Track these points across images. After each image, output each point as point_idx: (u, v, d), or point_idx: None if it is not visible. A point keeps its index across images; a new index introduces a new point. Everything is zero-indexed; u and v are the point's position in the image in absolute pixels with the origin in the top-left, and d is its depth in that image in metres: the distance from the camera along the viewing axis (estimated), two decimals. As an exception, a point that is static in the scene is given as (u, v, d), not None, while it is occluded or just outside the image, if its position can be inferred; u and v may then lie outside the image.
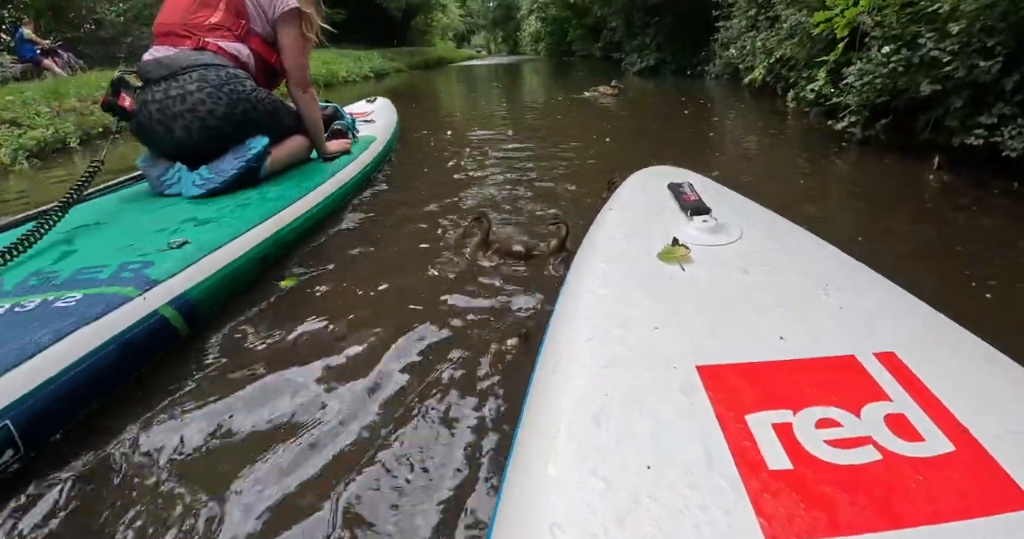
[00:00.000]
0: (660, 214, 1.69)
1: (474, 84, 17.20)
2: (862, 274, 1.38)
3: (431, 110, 9.13)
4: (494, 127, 6.77)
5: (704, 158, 4.69)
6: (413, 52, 30.92)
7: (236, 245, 2.17)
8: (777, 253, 1.43)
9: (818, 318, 1.13)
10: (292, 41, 2.98)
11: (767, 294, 1.23)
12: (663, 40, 16.78)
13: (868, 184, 3.92)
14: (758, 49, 8.75)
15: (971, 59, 3.77)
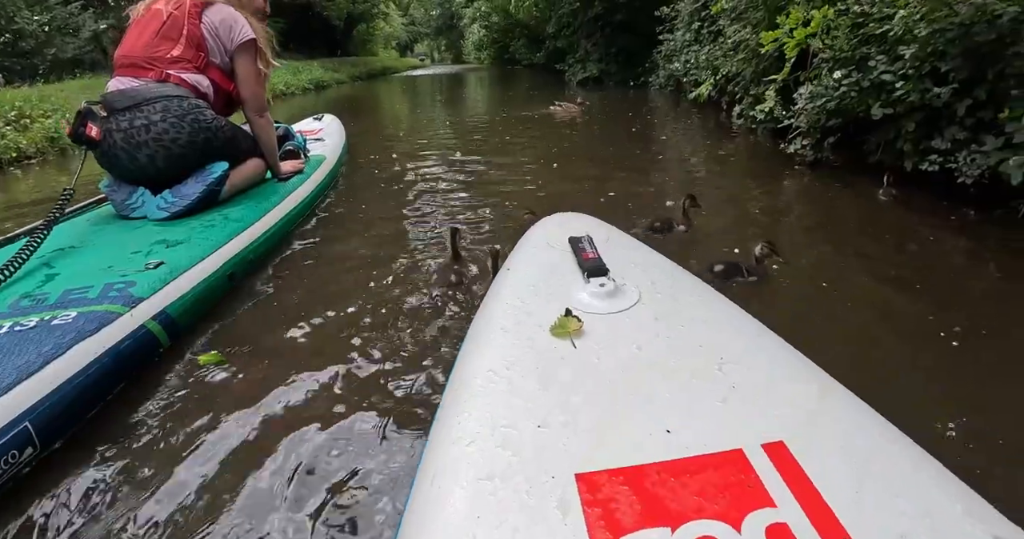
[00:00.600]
0: (558, 275, 1.61)
1: (419, 97, 16.90)
2: (760, 342, 1.30)
3: (374, 129, 8.81)
4: (439, 148, 6.57)
5: (654, 183, 4.56)
6: (355, 62, 30.30)
7: (207, 264, 2.43)
8: (674, 320, 1.36)
9: (709, 403, 1.07)
10: (248, 71, 3.17)
11: (659, 375, 1.16)
12: (605, 51, 16.77)
13: (819, 212, 3.82)
14: (703, 64, 8.71)
15: (923, 83, 3.70)
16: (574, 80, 17.28)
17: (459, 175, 5.00)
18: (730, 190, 4.21)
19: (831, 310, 2.46)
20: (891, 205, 3.81)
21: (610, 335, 1.30)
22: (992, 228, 3.32)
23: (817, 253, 3.10)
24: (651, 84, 13.94)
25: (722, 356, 1.20)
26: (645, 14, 14.13)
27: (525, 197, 4.16)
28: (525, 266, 1.72)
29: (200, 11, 3.06)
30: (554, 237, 1.85)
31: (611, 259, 1.63)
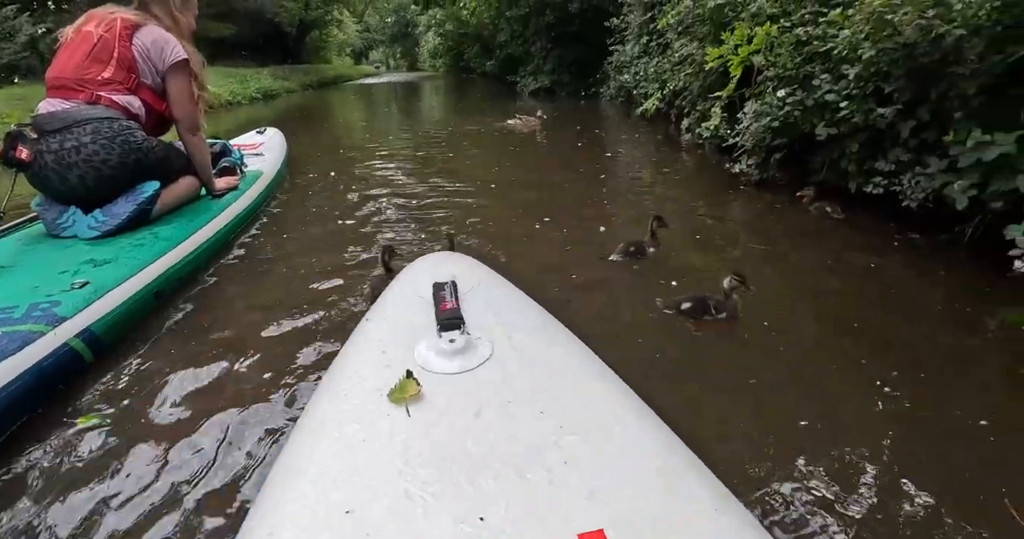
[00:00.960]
0: (412, 329, 1.53)
1: (369, 108, 16.61)
2: (612, 407, 1.23)
3: (318, 143, 8.50)
4: (381, 165, 6.37)
5: (595, 206, 4.41)
6: (307, 70, 29.68)
7: (132, 283, 2.48)
8: (522, 381, 1.30)
9: (535, 484, 1.01)
10: (180, 91, 3.19)
11: (489, 449, 1.10)
12: (558, 62, 16.70)
13: (764, 235, 3.70)
14: (651, 77, 8.64)
15: (867, 104, 3.62)
16: (526, 90, 17.19)
17: (399, 194, 4.83)
18: (677, 211, 4.09)
19: (765, 348, 2.34)
20: (835, 227, 3.73)
21: (450, 400, 1.24)
22: (937, 254, 3.24)
23: (762, 282, 2.97)
24: (603, 95, 13.89)
25: (563, 425, 1.14)
26: (597, 25, 14.11)
27: (458, 220, 3.98)
28: (382, 317, 1.65)
29: (131, 33, 3.07)
30: (422, 283, 1.77)
31: (473, 308, 1.59)
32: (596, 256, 3.27)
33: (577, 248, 3.44)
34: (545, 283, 2.95)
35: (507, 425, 1.15)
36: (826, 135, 3.83)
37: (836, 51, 3.80)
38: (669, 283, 2.90)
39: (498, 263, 3.21)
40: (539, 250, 3.46)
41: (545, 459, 1.06)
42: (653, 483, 1.01)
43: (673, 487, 1.00)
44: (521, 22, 18.07)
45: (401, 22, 68.05)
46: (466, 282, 1.75)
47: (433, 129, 9.84)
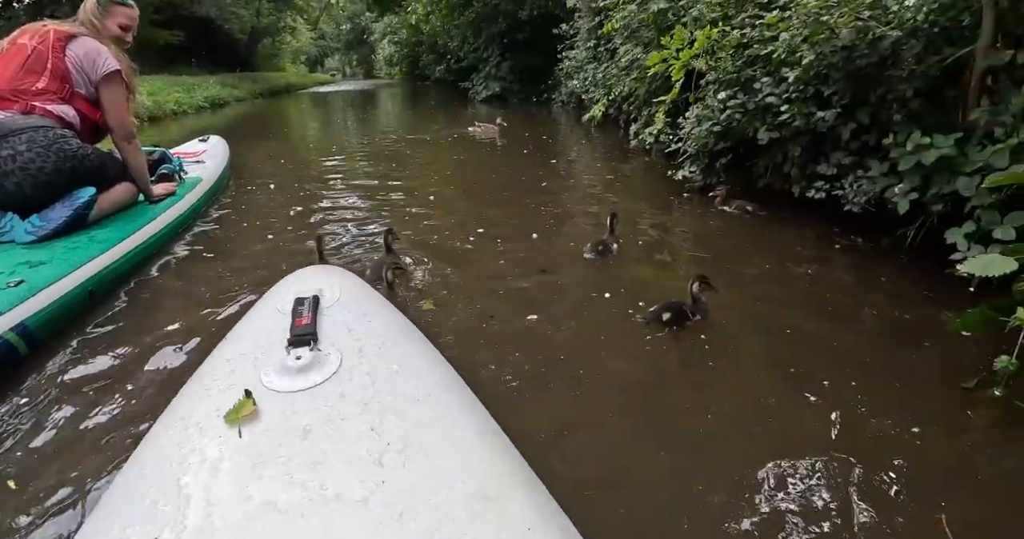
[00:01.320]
0: (264, 346, 1.50)
1: (322, 116, 16.31)
2: (447, 423, 1.23)
3: (261, 153, 8.24)
4: (321, 174, 6.22)
5: (534, 214, 4.29)
6: (257, 78, 28.96)
7: (66, 282, 2.57)
8: (361, 396, 1.29)
9: (346, 504, 1.00)
10: (113, 100, 3.27)
11: (310, 470, 1.08)
12: (509, 69, 16.65)
13: (707, 242, 3.63)
14: (599, 81, 8.60)
15: (807, 107, 3.58)
16: (478, 98, 17.09)
17: (340, 204, 4.71)
18: (622, 219, 4.00)
19: (702, 355, 2.26)
20: (778, 232, 3.68)
21: (284, 419, 1.22)
22: (879, 259, 3.20)
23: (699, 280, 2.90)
24: (554, 101, 13.86)
25: (390, 442, 1.14)
26: (547, 32, 14.11)
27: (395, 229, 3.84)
28: (240, 335, 1.63)
29: (64, 44, 3.15)
30: (287, 298, 1.72)
31: (332, 323, 1.58)
32: (535, 267, 3.16)
33: (513, 257, 3.32)
34: (477, 292, 2.85)
35: (332, 444, 1.14)
36: (768, 139, 3.78)
37: (776, 54, 3.75)
38: (603, 294, 2.80)
39: (428, 273, 3.11)
40: (475, 260, 3.34)
41: (363, 479, 1.05)
42: (467, 506, 1.00)
43: (488, 510, 0.99)
44: (472, 29, 17.98)
45: (357, 29, 67.47)
46: (332, 296, 1.74)
47: (382, 138, 9.62)
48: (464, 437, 1.19)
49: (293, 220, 4.24)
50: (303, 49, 65.55)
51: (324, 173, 6.15)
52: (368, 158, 7.15)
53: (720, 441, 1.78)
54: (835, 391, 2.00)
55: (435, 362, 1.53)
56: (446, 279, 3.03)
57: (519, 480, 1.10)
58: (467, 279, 3.05)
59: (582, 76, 9.88)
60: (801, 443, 1.74)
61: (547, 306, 2.71)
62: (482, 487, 1.04)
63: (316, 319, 1.56)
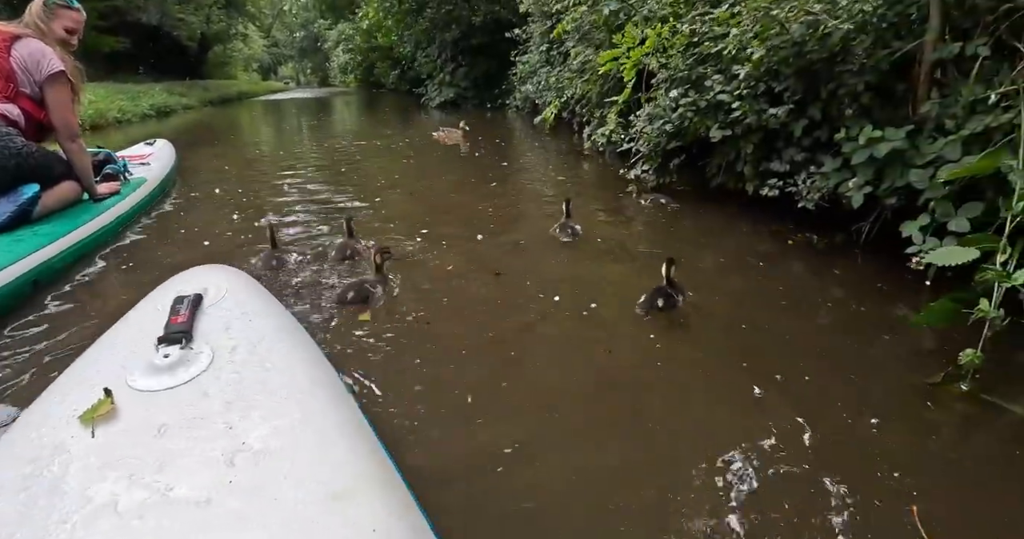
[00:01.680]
0: (133, 344, 1.45)
1: (272, 124, 15.98)
2: (305, 422, 1.18)
3: (208, 160, 8.02)
4: (266, 179, 6.04)
5: (480, 217, 4.17)
6: (207, 86, 28.26)
7: (9, 272, 2.69)
8: (225, 395, 1.25)
9: (183, 512, 0.96)
10: (58, 100, 3.32)
11: (158, 470, 1.05)
12: (464, 74, 16.56)
13: (662, 237, 3.57)
14: (552, 85, 8.55)
15: (758, 104, 3.54)
16: (432, 104, 16.92)
17: (285, 208, 4.56)
18: (576, 218, 3.92)
19: (652, 351, 2.17)
20: (731, 230, 3.63)
21: (142, 418, 1.19)
22: (833, 254, 3.17)
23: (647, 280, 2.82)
24: (508, 106, 13.80)
25: (245, 441, 1.10)
26: (501, 37, 14.05)
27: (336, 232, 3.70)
28: (116, 332, 1.57)
29: (9, 45, 3.21)
30: (168, 296, 1.67)
31: (210, 322, 1.53)
32: (484, 268, 3.05)
33: (456, 260, 3.20)
34: (414, 299, 2.73)
35: (185, 444, 1.12)
36: (720, 137, 3.74)
37: (726, 51, 3.71)
38: (551, 296, 2.70)
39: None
40: (421, 261, 3.21)
41: (210, 479, 1.02)
42: (313, 506, 0.98)
43: (334, 510, 0.98)
44: (425, 36, 17.84)
45: (310, 37, 66.68)
46: (216, 295, 1.68)
47: (333, 142, 9.41)
48: (325, 436, 1.16)
49: (235, 223, 4.20)
50: (255, 56, 64.57)
51: (272, 179, 5.95)
52: (318, 164, 6.95)
53: (670, 437, 1.71)
54: (793, 387, 1.94)
55: (312, 361, 1.48)
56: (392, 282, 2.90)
57: (375, 479, 1.08)
58: (412, 280, 2.93)
59: (535, 80, 9.81)
60: (745, 436, 1.69)
61: (497, 308, 2.61)
62: (333, 486, 1.02)
63: (194, 317, 1.52)
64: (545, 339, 2.35)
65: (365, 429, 1.27)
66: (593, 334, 2.35)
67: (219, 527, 0.94)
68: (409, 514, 1.04)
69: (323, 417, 1.23)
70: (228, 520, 0.95)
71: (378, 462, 1.15)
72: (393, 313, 2.58)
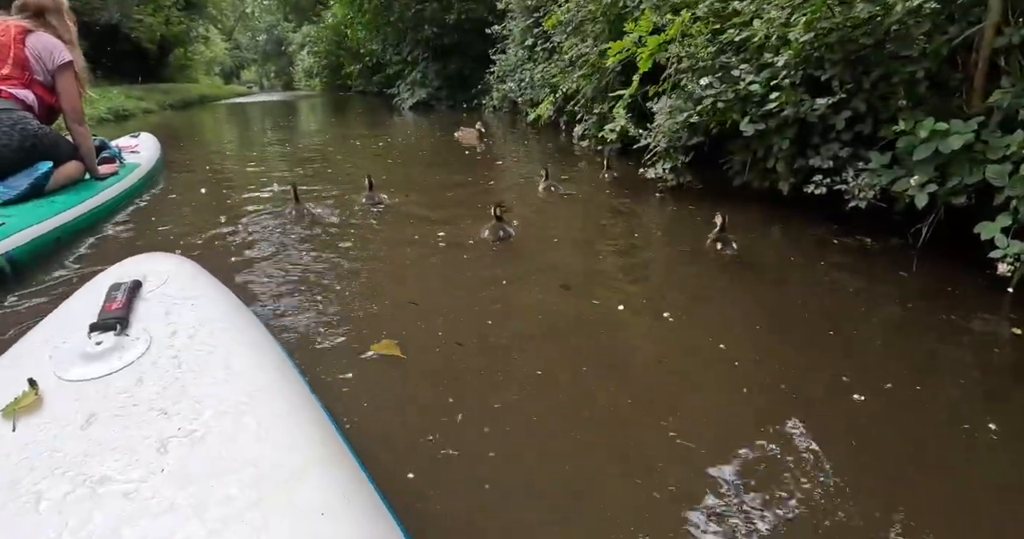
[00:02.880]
0: (67, 334, 1.37)
1: (243, 126, 15.39)
2: (254, 407, 1.10)
3: (180, 160, 7.56)
4: (242, 180, 5.60)
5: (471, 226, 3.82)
6: (168, 89, 27.25)
7: (33, 230, 3.14)
8: (161, 382, 1.17)
9: (108, 504, 0.88)
10: (67, 87, 3.71)
11: (82, 467, 0.96)
12: (437, 74, 16.13)
13: (692, 244, 3.24)
14: (538, 82, 8.20)
15: (797, 94, 3.23)
16: (404, 105, 16.42)
17: (252, 209, 4.09)
18: (586, 229, 3.55)
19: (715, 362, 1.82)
20: (764, 232, 3.31)
21: (70, 408, 1.12)
22: (886, 256, 2.87)
23: (702, 303, 2.48)
24: (485, 106, 13.43)
25: (180, 427, 1.04)
26: (475, 35, 13.69)
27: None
28: (50, 321, 1.50)
29: (24, 37, 3.60)
30: (103, 284, 1.57)
31: (148, 308, 1.45)
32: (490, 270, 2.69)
33: (474, 270, 2.84)
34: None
35: (115, 433, 1.05)
36: (753, 131, 3.42)
37: (756, 37, 3.40)
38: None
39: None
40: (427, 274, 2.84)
41: (140, 468, 0.96)
42: (254, 491, 0.91)
43: (278, 494, 0.91)
44: (397, 35, 17.37)
45: (274, 40, 65.74)
46: (157, 281, 1.59)
47: (308, 143, 8.96)
48: (269, 418, 1.09)
49: (213, 213, 4.14)
50: (218, 60, 63.42)
51: (241, 182, 5.52)
52: (289, 165, 6.52)
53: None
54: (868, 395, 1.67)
55: (257, 343, 1.41)
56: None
57: (323, 460, 1.02)
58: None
59: (517, 78, 9.42)
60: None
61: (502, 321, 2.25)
62: (277, 470, 0.96)
63: (131, 304, 1.45)
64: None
65: (314, 409, 1.20)
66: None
67: (149, 517, 0.87)
68: (361, 494, 0.98)
69: (267, 398, 1.16)
70: (159, 510, 0.88)
71: (327, 442, 1.09)
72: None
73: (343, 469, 1.03)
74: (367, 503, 0.97)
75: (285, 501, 0.91)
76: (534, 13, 8.94)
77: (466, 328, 2.25)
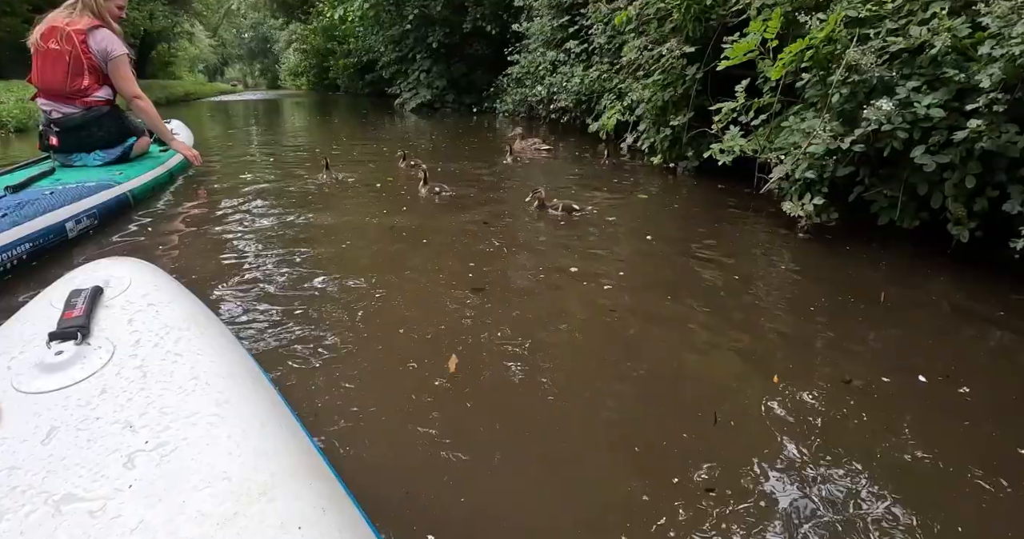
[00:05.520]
0: (23, 344, 1.23)
1: (231, 125, 14.60)
2: (217, 412, 1.04)
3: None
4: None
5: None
6: (151, 85, 26.41)
7: (140, 179, 4.31)
8: (127, 393, 1.08)
9: (73, 523, 0.82)
10: (125, 74, 4.35)
11: (43, 485, 0.88)
12: (438, 75, 15.35)
13: (848, 296, 2.52)
14: (574, 87, 7.47)
15: (1000, 124, 2.55)
16: (408, 107, 15.59)
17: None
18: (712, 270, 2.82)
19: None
20: (931, 299, 2.61)
21: (27, 424, 1.02)
22: None
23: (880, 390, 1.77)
24: (497, 110, 12.68)
25: (147, 440, 0.97)
26: (485, 36, 12.98)
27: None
28: (1, 334, 1.32)
29: (85, 40, 4.09)
30: (62, 292, 1.42)
31: (110, 315, 1.34)
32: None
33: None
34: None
35: (78, 448, 0.96)
36: (933, 165, 2.71)
37: (935, 51, 2.71)
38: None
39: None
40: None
41: (105, 484, 0.88)
42: (227, 505, 0.85)
43: (252, 509, 0.84)
44: (400, 35, 16.51)
45: (259, 37, 64.70)
46: (118, 287, 1.46)
47: (296, 151, 8.18)
48: (240, 428, 1.01)
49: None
50: (202, 57, 62.52)
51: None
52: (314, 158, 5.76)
53: None
54: None
55: (226, 351, 1.30)
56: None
57: (298, 472, 0.95)
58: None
59: (547, 81, 8.63)
60: None
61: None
62: (250, 483, 0.89)
63: (92, 311, 1.31)
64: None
65: (287, 419, 1.14)
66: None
67: (117, 536, 0.79)
68: (339, 508, 0.92)
69: (238, 409, 1.07)
70: (127, 528, 0.80)
71: (302, 453, 1.03)
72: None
73: (319, 480, 0.97)
74: (345, 514, 0.92)
75: (261, 515, 0.84)
76: (569, 11, 8.21)
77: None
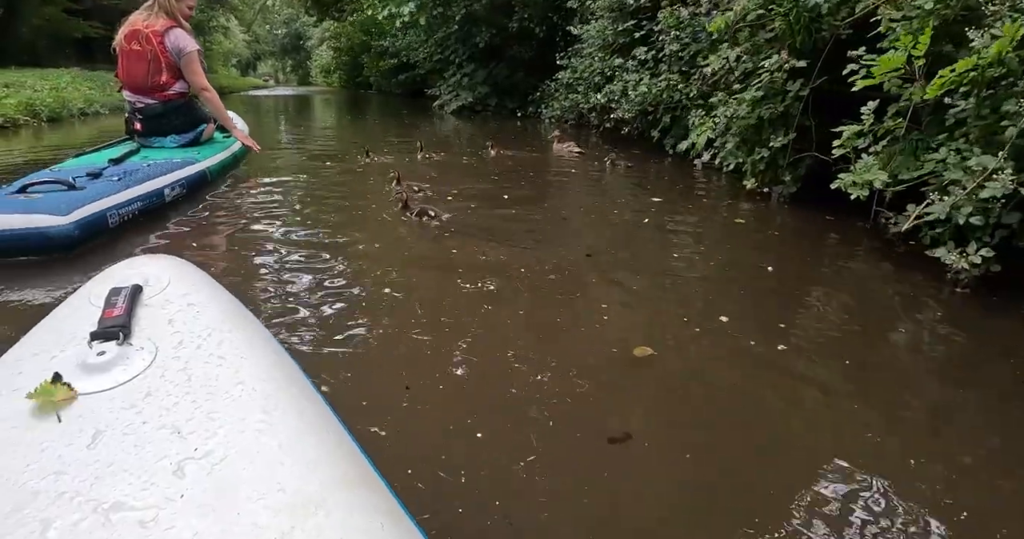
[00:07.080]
0: (64, 343, 1.17)
1: (273, 120, 14.32)
2: (265, 418, 0.98)
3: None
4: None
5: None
6: None
7: (214, 159, 4.83)
8: (173, 396, 1.03)
9: (123, 533, 0.78)
10: (194, 70, 4.75)
11: (91, 492, 0.84)
12: (481, 78, 14.87)
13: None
14: (637, 98, 7.00)
15: None
16: (448, 109, 15.10)
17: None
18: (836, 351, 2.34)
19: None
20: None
21: (72, 427, 0.98)
22: None
23: None
24: (543, 116, 12.21)
25: (197, 447, 0.92)
26: (529, 38, 12.58)
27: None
28: (43, 329, 1.27)
29: (162, 41, 4.58)
30: (104, 289, 1.35)
31: (150, 315, 1.28)
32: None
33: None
34: None
35: (126, 454, 0.91)
36: None
37: None
38: None
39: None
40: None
41: (156, 493, 0.84)
42: (282, 517, 0.80)
43: (308, 521, 0.79)
44: (445, 37, 16.03)
45: (292, 34, 64.95)
46: (157, 286, 1.39)
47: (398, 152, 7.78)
48: (290, 437, 0.96)
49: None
50: (235, 51, 62.77)
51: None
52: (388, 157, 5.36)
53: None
54: None
55: (270, 355, 1.22)
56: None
57: (352, 483, 0.91)
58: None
59: (608, 88, 8.10)
60: None
61: None
62: (303, 495, 0.84)
63: (132, 310, 1.25)
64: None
65: (336, 427, 1.06)
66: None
67: None
68: (395, 521, 0.87)
69: (286, 416, 1.02)
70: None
71: (354, 464, 0.97)
72: None
73: (372, 491, 0.92)
74: (402, 528, 0.86)
75: (318, 530, 0.79)
76: (635, 15, 7.73)
77: None
